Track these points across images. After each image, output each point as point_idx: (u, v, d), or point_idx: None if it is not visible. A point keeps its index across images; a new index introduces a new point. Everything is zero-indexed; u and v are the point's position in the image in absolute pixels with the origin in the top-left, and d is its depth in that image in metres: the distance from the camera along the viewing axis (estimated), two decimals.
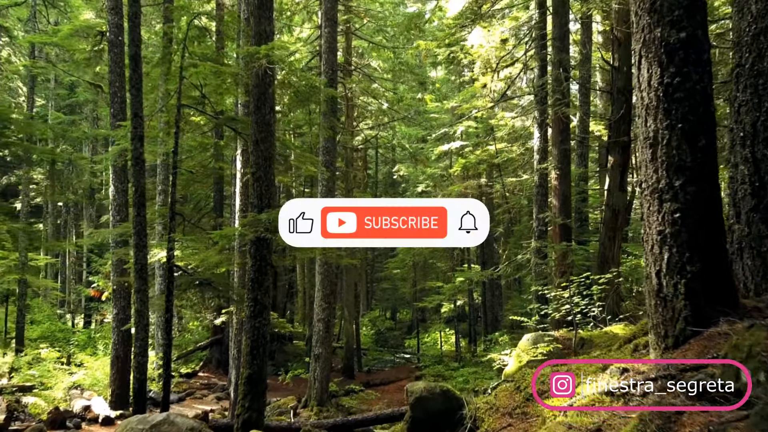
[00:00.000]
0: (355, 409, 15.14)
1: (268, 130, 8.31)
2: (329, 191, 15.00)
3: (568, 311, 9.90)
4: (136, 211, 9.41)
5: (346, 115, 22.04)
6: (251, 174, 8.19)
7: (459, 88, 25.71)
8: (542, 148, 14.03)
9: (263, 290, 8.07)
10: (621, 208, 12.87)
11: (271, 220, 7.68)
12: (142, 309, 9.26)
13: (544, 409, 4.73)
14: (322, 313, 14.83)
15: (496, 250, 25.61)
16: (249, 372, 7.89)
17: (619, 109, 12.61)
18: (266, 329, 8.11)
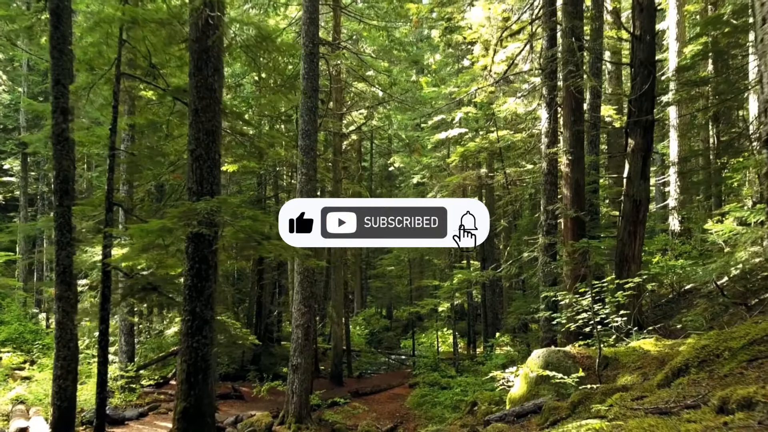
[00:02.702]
0: (339, 425, 13.44)
1: (210, 96, 6.57)
2: (309, 180, 13.25)
3: (585, 321, 8.17)
4: (57, 200, 7.68)
5: (334, 99, 20.27)
6: (189, 152, 6.47)
7: (457, 73, 23.94)
8: (551, 131, 12.29)
9: (204, 300, 6.34)
10: (643, 199, 11.12)
11: (211, 210, 5.95)
12: (65, 321, 7.55)
13: None
14: (301, 318, 13.10)
15: (497, 246, 23.88)
16: (184, 405, 6.16)
17: (642, 84, 10.85)
18: (209, 350, 6.39)
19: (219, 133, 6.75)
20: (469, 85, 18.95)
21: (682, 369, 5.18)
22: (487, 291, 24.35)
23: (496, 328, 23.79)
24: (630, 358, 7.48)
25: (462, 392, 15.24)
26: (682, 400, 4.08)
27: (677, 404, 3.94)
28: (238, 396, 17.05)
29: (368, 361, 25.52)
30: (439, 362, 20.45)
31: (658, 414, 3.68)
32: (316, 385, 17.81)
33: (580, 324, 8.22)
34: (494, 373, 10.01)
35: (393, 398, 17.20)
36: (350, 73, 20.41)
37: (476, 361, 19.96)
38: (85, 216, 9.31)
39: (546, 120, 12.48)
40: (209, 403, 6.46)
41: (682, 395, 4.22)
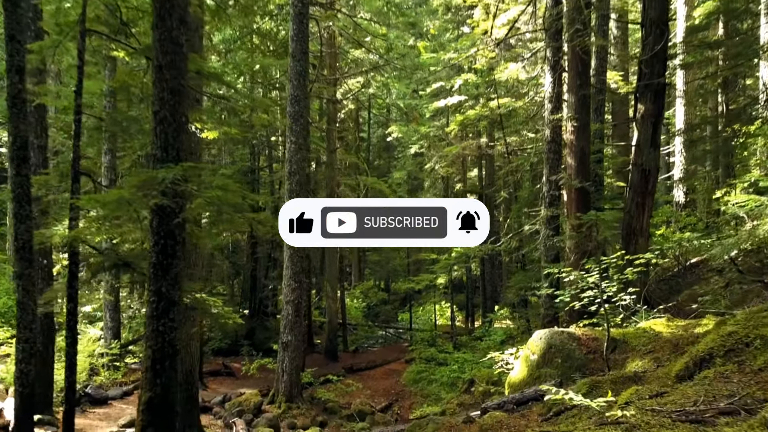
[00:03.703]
0: (332, 403, 12.97)
1: (175, 50, 5.83)
2: (299, 149, 12.55)
3: (591, 300, 7.55)
4: (14, 169, 7.00)
5: (327, 65, 19.41)
6: (152, 114, 5.77)
7: (457, 39, 22.96)
8: (555, 96, 11.53)
9: (170, 279, 5.70)
10: (652, 168, 10.43)
11: (175, 179, 5.27)
12: (26, 301, 6.93)
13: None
14: (292, 294, 12.54)
15: (497, 218, 23.23)
16: (149, 395, 5.57)
17: (654, 44, 10.07)
18: (176, 334, 5.77)
19: (186, 93, 6.04)
20: (469, 51, 18.10)
21: (706, 359, 4.57)
22: (486, 264, 23.81)
23: (495, 301, 23.30)
24: (640, 340, 6.89)
25: (459, 369, 14.77)
26: (713, 401, 3.47)
27: (709, 407, 3.32)
28: (228, 373, 16.58)
29: (365, 335, 25.09)
30: (437, 337, 19.98)
31: (689, 422, 3.06)
32: (310, 361, 17.34)
33: (585, 303, 7.61)
34: (493, 354, 9.45)
35: (388, 374, 16.74)
36: (344, 36, 19.50)
37: (474, 336, 19.49)
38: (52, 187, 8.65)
39: (550, 84, 11.72)
40: (175, 391, 5.86)
41: (712, 394, 3.61)
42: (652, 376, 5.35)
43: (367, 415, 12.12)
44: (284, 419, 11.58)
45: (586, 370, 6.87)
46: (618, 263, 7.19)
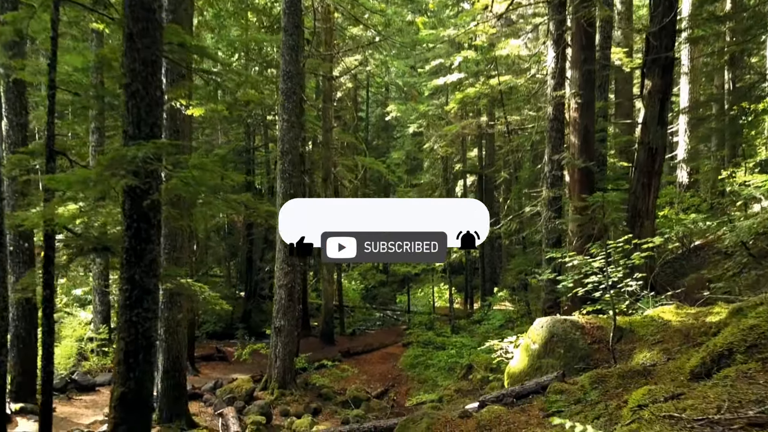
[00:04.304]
0: (326, 389, 12.65)
1: (148, 17, 5.36)
2: (292, 127, 12.08)
3: (595, 285, 7.16)
4: None
5: (323, 41, 18.84)
6: (123, 87, 5.31)
7: (456, 15, 22.32)
8: (559, 71, 11.03)
9: (144, 266, 5.29)
10: (659, 147, 10.00)
11: (146, 157, 4.83)
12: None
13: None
14: (284, 277, 12.16)
15: (497, 199, 22.79)
16: (122, 390, 5.19)
17: (663, 16, 9.58)
18: (151, 324, 5.38)
19: (160, 64, 5.58)
20: (469, 26, 17.52)
21: (725, 355, 4.17)
22: (486, 246, 23.39)
23: (494, 283, 22.93)
24: (648, 329, 6.49)
25: (457, 354, 14.44)
26: (739, 407, 3.07)
27: (736, 415, 2.92)
28: (221, 357, 16.26)
29: (363, 318, 24.78)
30: (435, 320, 19.65)
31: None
32: (306, 344, 17.03)
33: (589, 288, 7.23)
34: (492, 342, 9.07)
35: (385, 358, 16.42)
36: (341, 11, 18.88)
37: (473, 319, 19.14)
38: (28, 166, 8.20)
39: (553, 59, 11.22)
40: (150, 385, 5.47)
41: (737, 399, 3.21)
42: (663, 371, 4.97)
43: (362, 401, 11.81)
44: (277, 406, 11.27)
45: (590, 361, 6.50)
46: (624, 247, 6.79)
